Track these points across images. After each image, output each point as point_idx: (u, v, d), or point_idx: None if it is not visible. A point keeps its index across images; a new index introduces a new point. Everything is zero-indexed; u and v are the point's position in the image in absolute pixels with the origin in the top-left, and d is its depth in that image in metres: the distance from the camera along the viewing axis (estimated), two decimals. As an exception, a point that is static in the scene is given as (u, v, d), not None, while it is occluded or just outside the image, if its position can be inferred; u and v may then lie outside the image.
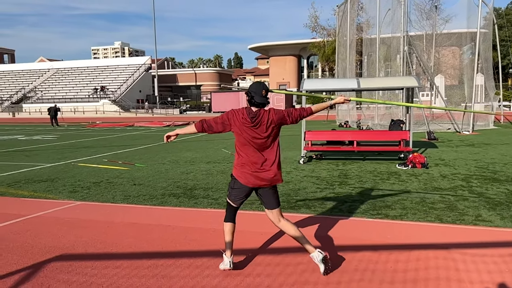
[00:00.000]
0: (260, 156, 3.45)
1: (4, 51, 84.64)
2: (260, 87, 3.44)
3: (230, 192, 3.58)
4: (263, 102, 3.43)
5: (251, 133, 3.41)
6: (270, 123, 3.42)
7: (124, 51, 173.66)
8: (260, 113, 3.42)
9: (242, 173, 3.47)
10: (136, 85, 53.78)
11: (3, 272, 3.51)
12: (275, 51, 58.62)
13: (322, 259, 3.36)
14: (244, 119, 3.42)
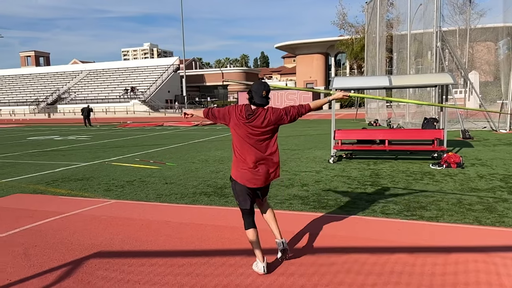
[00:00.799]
0: (255, 155, 3.44)
1: (40, 54, 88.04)
2: (261, 87, 3.44)
3: (236, 197, 3.59)
4: (262, 102, 3.45)
5: (245, 130, 3.43)
6: (267, 122, 3.42)
7: (153, 52, 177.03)
8: (258, 111, 3.44)
9: (239, 173, 3.49)
10: (165, 86, 54.73)
11: (46, 267, 3.65)
12: (302, 49, 58.21)
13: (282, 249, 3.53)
14: (240, 115, 3.45)
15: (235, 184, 3.53)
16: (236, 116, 3.47)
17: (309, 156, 10.13)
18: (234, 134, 3.52)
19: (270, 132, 3.48)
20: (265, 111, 3.46)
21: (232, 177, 3.56)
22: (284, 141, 14.03)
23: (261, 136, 3.44)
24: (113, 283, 3.30)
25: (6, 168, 9.49)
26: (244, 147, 3.46)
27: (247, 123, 3.42)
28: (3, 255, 3.95)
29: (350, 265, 3.53)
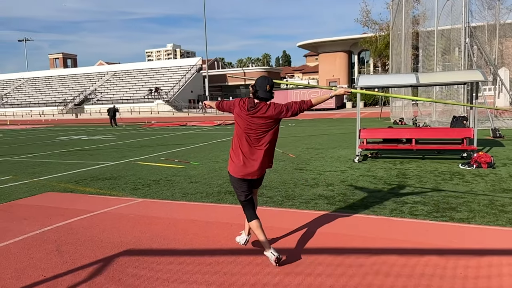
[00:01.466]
0: (251, 149, 3.59)
1: (67, 56, 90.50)
2: (265, 82, 3.58)
3: (235, 190, 3.79)
4: (266, 96, 3.58)
5: (246, 122, 3.57)
6: (267, 116, 3.55)
7: (176, 53, 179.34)
8: (260, 105, 3.57)
9: (234, 166, 3.64)
10: (188, 86, 55.31)
11: (78, 264, 3.75)
12: (325, 47, 57.70)
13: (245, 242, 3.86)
14: (243, 107, 3.60)
15: (232, 177, 3.70)
16: (239, 108, 3.63)
17: (333, 155, 10.04)
18: (236, 126, 3.68)
19: (268, 126, 3.59)
20: (267, 105, 3.59)
21: (228, 171, 3.72)
22: (307, 140, 13.95)
23: (259, 130, 3.57)
24: (142, 281, 3.36)
25: (38, 167, 9.81)
26: (242, 139, 3.61)
27: (248, 115, 3.56)
28: (37, 251, 4.09)
29: (379, 266, 3.47)
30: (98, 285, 3.31)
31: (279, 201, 5.75)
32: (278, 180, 7.20)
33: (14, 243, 4.34)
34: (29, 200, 6.34)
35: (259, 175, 3.69)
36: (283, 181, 7.15)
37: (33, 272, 3.58)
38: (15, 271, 3.60)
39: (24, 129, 29.83)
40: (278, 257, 3.50)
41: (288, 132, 17.96)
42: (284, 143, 13.46)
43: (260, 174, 3.69)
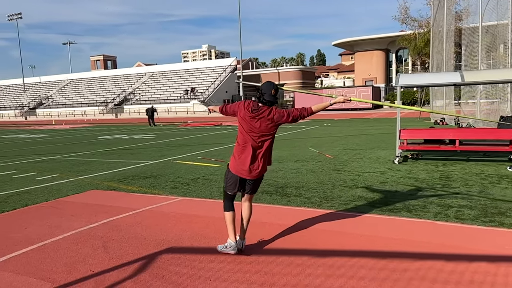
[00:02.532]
0: (252, 150, 3.76)
1: (108, 58, 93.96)
2: (270, 86, 3.74)
3: (225, 181, 3.96)
4: (271, 100, 3.74)
5: (249, 125, 3.73)
6: (269, 120, 3.71)
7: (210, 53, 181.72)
8: (263, 109, 3.73)
9: (234, 163, 3.83)
10: (223, 86, 55.93)
11: (123, 261, 3.87)
12: (361, 46, 56.67)
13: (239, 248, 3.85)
14: (247, 109, 3.75)
15: (229, 172, 3.87)
16: (244, 110, 3.77)
17: (371, 156, 9.83)
18: (239, 128, 3.83)
19: (270, 130, 3.77)
20: (270, 110, 3.75)
21: (228, 165, 3.90)
22: (344, 141, 13.73)
23: (261, 133, 3.74)
24: (185, 279, 3.42)
25: (82, 165, 10.23)
26: (245, 141, 3.77)
27: (251, 117, 3.72)
28: (85, 247, 4.26)
29: (424, 272, 3.37)
30: (143, 281, 3.40)
31: (317, 202, 5.69)
32: (316, 181, 7.14)
33: (63, 239, 4.55)
34: (75, 198, 6.62)
35: (256, 177, 3.85)
36: (321, 181, 7.07)
37: (82, 267, 3.73)
38: (66, 266, 3.77)
39: (68, 128, 31.21)
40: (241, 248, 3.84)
41: (324, 132, 17.77)
42: (320, 143, 13.33)
43: (257, 176, 3.85)
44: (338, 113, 36.65)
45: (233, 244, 3.84)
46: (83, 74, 74.67)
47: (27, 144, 17.86)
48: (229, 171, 3.89)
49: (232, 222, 3.91)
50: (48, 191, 7.12)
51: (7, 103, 70.71)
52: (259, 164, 3.81)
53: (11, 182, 8.13)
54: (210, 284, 3.29)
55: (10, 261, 3.92)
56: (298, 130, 19.23)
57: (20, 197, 6.76)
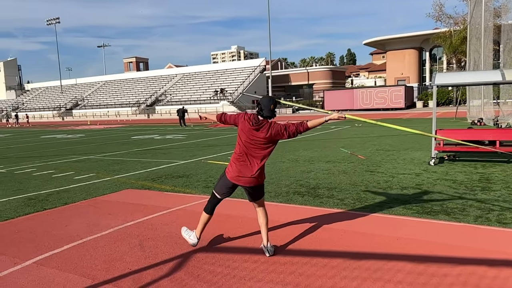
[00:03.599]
0: (249, 161, 3.86)
1: (140, 60, 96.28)
2: (269, 101, 3.84)
3: (217, 184, 4.05)
4: (270, 115, 3.85)
5: (248, 137, 3.82)
6: (269, 135, 3.80)
7: (239, 54, 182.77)
8: (264, 122, 3.83)
9: (231, 171, 3.91)
10: (252, 87, 56.08)
11: (159, 259, 3.95)
12: (393, 44, 55.43)
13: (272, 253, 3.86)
14: (248, 123, 3.83)
15: (225, 177, 3.97)
16: (244, 124, 3.86)
17: (405, 157, 9.58)
18: (238, 139, 3.93)
19: (268, 143, 3.86)
20: (269, 124, 3.84)
21: (225, 169, 4.02)
22: (376, 141, 13.47)
23: (260, 146, 3.84)
24: (220, 278, 3.45)
25: (117, 165, 10.52)
26: (243, 152, 3.88)
27: (251, 130, 3.81)
28: (122, 245, 4.37)
29: (466, 277, 3.25)
30: (178, 280, 3.45)
31: (351, 204, 5.61)
32: (348, 182, 7.03)
33: (101, 236, 4.69)
34: (112, 197, 6.81)
35: (255, 184, 3.92)
36: (353, 183, 6.96)
37: (120, 264, 3.83)
38: (104, 263, 3.88)
39: (102, 129, 32.20)
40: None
41: (355, 132, 17.50)
42: (351, 143, 13.13)
43: (256, 183, 3.92)
44: (369, 113, 36.00)
45: (196, 240, 4.11)
46: (116, 75, 76.85)
47: (64, 144, 18.55)
48: (224, 176, 3.98)
49: (204, 223, 4.10)
50: (85, 190, 7.37)
51: (46, 104, 73.72)
52: (256, 173, 3.88)
53: (51, 181, 8.46)
54: (244, 284, 3.30)
55: (52, 258, 4.07)
56: (329, 131, 19.02)
57: (59, 195, 7.03)
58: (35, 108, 73.61)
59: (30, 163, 11.62)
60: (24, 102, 78.77)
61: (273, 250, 3.93)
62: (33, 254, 4.17)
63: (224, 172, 4.02)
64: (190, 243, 4.13)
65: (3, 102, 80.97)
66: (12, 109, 73.97)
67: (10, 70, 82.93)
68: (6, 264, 3.93)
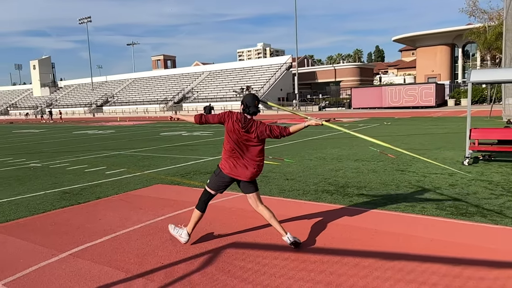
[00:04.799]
0: (244, 155, 3.97)
1: (168, 58, 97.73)
2: (254, 99, 3.95)
3: (212, 180, 4.13)
4: (256, 111, 3.97)
5: (238, 135, 3.93)
6: (255, 133, 3.93)
7: (265, 51, 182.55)
8: (250, 121, 3.94)
9: (228, 165, 4.01)
10: (278, 84, 55.96)
11: (190, 254, 4.01)
12: (424, 41, 53.96)
13: (292, 242, 3.91)
14: (237, 123, 3.92)
15: (221, 173, 4.05)
16: (232, 123, 3.95)
17: (437, 156, 9.32)
18: (227, 137, 4.02)
19: (255, 142, 3.97)
20: (256, 123, 3.96)
21: (219, 166, 4.09)
22: (406, 140, 13.17)
23: (253, 144, 3.97)
24: (250, 274, 3.47)
25: (147, 161, 10.73)
26: (234, 149, 3.98)
27: (241, 130, 3.91)
28: (154, 239, 4.46)
29: (504, 281, 3.13)
30: (209, 275, 3.49)
31: (382, 203, 5.51)
32: (378, 181, 6.91)
33: (133, 231, 4.80)
34: (142, 191, 6.96)
35: (250, 178, 4.01)
36: (384, 182, 6.84)
37: (152, 258, 3.91)
38: (137, 257, 3.97)
39: (131, 125, 32.91)
40: (186, 241, 4.13)
41: (384, 130, 17.17)
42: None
43: (251, 177, 4.02)
44: (398, 112, 35.24)
45: (188, 237, 4.17)
46: (145, 73, 78.36)
47: (96, 139, 19.08)
48: (220, 173, 4.05)
49: (196, 222, 4.16)
50: (117, 185, 7.56)
51: (77, 101, 76.05)
52: (253, 166, 4.00)
53: (84, 176, 8.72)
54: (275, 281, 3.30)
55: (87, 250, 4.20)
56: (357, 129, 18.75)
57: (92, 189, 7.24)
58: (68, 104, 76.07)
59: (64, 158, 12.02)
60: (57, 98, 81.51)
61: (298, 240, 3.97)
62: (69, 246, 4.31)
63: (218, 169, 4.09)
64: (182, 241, 4.17)
65: (37, 99, 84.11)
66: (46, 105, 76.72)
67: (45, 68, 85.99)
68: (45, 255, 4.08)
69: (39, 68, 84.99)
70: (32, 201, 6.51)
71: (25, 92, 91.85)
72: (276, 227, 4.05)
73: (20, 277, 3.58)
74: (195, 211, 4.19)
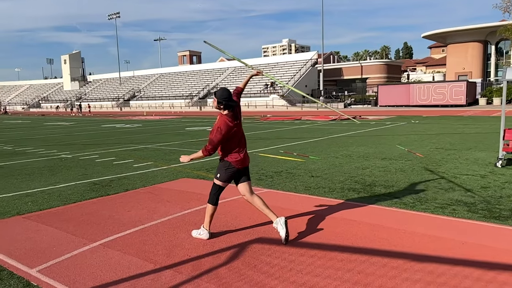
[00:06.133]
0: (243, 144, 4.23)
1: (193, 53, 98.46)
2: (228, 92, 4.05)
3: (222, 175, 4.20)
4: (235, 104, 4.09)
5: (238, 130, 4.15)
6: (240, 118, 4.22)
7: (290, 47, 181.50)
8: (236, 112, 4.13)
9: (239, 160, 4.16)
10: (303, 80, 55.56)
11: (216, 247, 4.04)
12: (455, 37, 52.35)
13: (285, 221, 4.07)
14: (231, 121, 4.05)
15: (230, 166, 4.16)
16: (233, 124, 4.06)
17: (468, 157, 9.05)
18: (233, 137, 4.10)
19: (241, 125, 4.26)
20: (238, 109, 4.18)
21: (228, 161, 4.17)
22: (435, 139, 12.84)
23: (242, 130, 4.26)
24: (277, 270, 3.46)
25: (173, 155, 10.88)
26: (240, 143, 4.19)
27: (236, 126, 4.10)
28: (181, 232, 4.52)
29: None
30: (236, 269, 3.51)
31: (410, 204, 5.39)
32: (406, 181, 6.77)
33: (161, 223, 4.87)
34: (169, 185, 7.06)
35: (248, 164, 4.35)
36: (412, 182, 6.69)
37: (180, 251, 3.96)
38: (165, 249, 4.03)
39: (157, 119, 33.44)
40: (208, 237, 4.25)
41: (412, 129, 16.80)
42: (408, 140, 12.63)
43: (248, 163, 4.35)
44: (427, 110, 34.39)
45: (206, 232, 4.27)
46: (171, 68, 79.34)
47: (123, 133, 19.49)
48: (231, 168, 4.16)
49: (211, 215, 4.27)
50: (144, 178, 7.70)
51: (105, 95, 77.83)
52: (246, 151, 4.32)
53: (112, 168, 8.93)
54: (302, 278, 3.29)
55: (117, 241, 4.30)
56: (383, 127, 18.43)
57: (120, 182, 7.40)
58: (96, 98, 77.97)
59: (93, 150, 12.34)
60: (86, 92, 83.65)
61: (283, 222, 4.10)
62: (99, 237, 4.42)
63: (228, 165, 4.16)
64: (204, 238, 4.24)
65: (68, 92, 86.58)
66: (76, 99, 78.89)
67: (75, 63, 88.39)
68: (76, 244, 4.21)
69: (69, 62, 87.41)
70: (64, 191, 6.71)
71: (56, 85, 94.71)
72: (268, 214, 4.23)
73: (53, 264, 3.70)
74: (208, 205, 4.28)
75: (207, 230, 4.28)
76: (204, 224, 4.32)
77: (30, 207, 5.75)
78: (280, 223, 4.07)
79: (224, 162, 4.21)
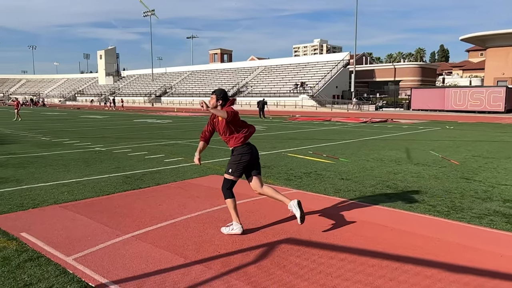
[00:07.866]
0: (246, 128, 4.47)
1: (224, 52, 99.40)
2: (222, 90, 4.45)
3: (234, 169, 4.33)
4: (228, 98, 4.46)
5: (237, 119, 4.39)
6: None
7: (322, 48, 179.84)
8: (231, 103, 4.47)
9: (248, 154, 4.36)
10: (333, 81, 54.94)
11: (245, 245, 4.05)
12: (495, 41, 50.35)
13: (298, 203, 4.23)
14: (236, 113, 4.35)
15: (245, 156, 4.33)
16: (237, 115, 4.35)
17: (507, 166, 8.67)
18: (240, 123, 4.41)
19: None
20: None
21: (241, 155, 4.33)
22: (471, 146, 12.39)
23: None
24: (306, 271, 3.43)
25: (202, 151, 10.97)
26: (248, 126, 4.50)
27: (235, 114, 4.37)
28: (210, 228, 4.56)
29: None
30: (265, 268, 3.50)
31: (445, 212, 5.23)
32: (440, 188, 6.57)
33: (191, 218, 4.94)
34: (198, 181, 7.14)
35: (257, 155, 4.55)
36: (447, 189, 6.48)
37: (209, 247, 4.00)
38: (195, 244, 4.08)
39: (188, 116, 33.92)
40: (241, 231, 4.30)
41: (446, 135, 16.28)
42: (442, 146, 12.25)
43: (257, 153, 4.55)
44: (462, 115, 33.26)
45: (239, 225, 4.30)
46: (202, 66, 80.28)
47: (155, 128, 19.89)
48: (244, 160, 4.31)
49: (235, 207, 4.34)
50: (175, 173, 7.82)
51: (138, 91, 79.64)
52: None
53: (144, 162, 9.12)
54: (331, 281, 3.25)
55: (148, 234, 4.39)
56: (416, 131, 17.96)
57: (152, 176, 7.55)
58: (129, 93, 79.89)
59: (126, 144, 12.66)
60: (120, 87, 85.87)
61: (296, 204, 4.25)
62: (132, 229, 4.52)
63: (241, 156, 4.31)
64: (238, 232, 4.30)
65: (102, 87, 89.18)
66: (110, 93, 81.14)
67: (110, 58, 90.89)
68: (109, 235, 4.32)
69: (105, 58, 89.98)
70: (98, 183, 6.92)
71: (91, 80, 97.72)
72: (281, 199, 4.38)
73: (88, 254, 3.81)
74: (227, 201, 4.37)
75: (239, 223, 4.33)
76: (233, 220, 4.36)
77: (66, 197, 5.96)
78: (293, 206, 4.24)
79: (235, 156, 4.37)
